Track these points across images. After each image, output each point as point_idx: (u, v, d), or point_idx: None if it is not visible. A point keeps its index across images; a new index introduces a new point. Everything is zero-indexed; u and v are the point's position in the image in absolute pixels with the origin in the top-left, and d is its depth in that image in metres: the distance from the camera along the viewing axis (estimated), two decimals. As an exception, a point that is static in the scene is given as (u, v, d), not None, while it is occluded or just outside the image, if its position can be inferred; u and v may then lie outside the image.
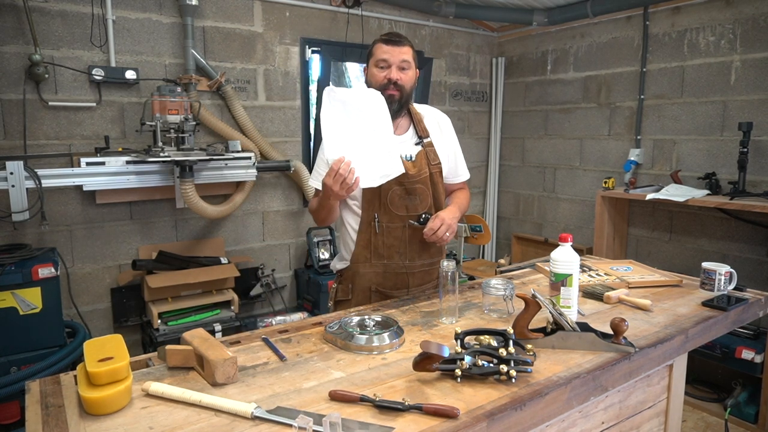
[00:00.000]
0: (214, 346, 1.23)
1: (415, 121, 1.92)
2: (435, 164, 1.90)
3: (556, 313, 1.38)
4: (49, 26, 2.80)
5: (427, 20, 4.17)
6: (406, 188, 1.84)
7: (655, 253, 3.64)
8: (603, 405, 1.45)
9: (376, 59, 1.82)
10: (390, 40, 1.81)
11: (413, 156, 1.88)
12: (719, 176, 3.17)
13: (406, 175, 1.80)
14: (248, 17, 3.39)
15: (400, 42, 1.82)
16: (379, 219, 1.84)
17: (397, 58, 1.80)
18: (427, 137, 1.91)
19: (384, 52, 1.80)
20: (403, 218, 1.85)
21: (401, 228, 1.86)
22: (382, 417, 1.05)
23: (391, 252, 1.87)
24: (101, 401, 1.05)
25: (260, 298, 3.53)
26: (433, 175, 1.89)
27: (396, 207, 1.84)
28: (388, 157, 1.68)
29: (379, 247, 1.86)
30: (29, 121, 2.79)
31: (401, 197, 1.84)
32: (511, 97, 4.63)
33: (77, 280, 3.01)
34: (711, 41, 3.26)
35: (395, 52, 1.80)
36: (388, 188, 1.81)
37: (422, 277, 1.94)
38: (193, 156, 2.84)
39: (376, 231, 1.85)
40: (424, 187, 1.87)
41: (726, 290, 1.82)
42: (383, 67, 1.81)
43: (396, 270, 1.88)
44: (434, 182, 1.90)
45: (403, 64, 1.81)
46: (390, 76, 1.80)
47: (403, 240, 1.87)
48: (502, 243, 4.85)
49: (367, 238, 1.86)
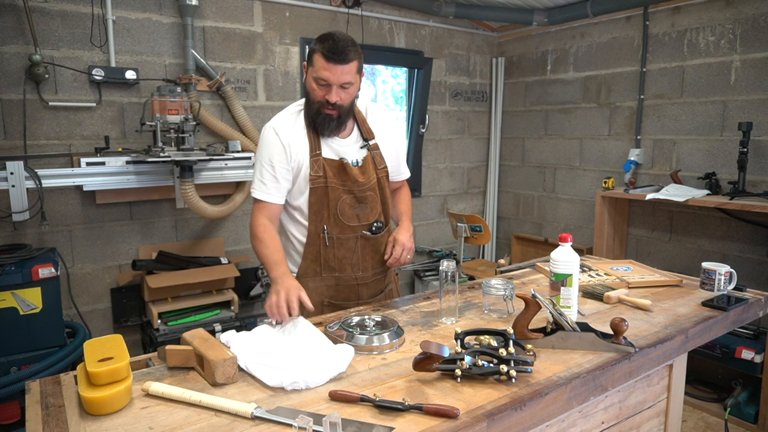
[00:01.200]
0: (214, 346, 1.24)
1: (359, 122, 1.80)
2: (381, 168, 1.80)
3: (556, 313, 1.38)
4: (49, 26, 2.80)
5: (427, 20, 4.17)
6: (356, 197, 1.74)
7: (655, 253, 3.64)
8: (603, 405, 1.45)
9: (316, 74, 1.62)
10: (332, 57, 1.58)
11: (360, 161, 1.77)
12: (719, 176, 3.17)
13: (355, 183, 1.73)
14: (248, 17, 3.39)
15: (344, 59, 1.58)
16: (328, 231, 1.73)
17: (339, 79, 1.60)
18: (372, 139, 1.80)
19: (325, 70, 1.59)
20: (355, 228, 1.76)
21: (353, 239, 1.76)
22: (382, 417, 1.05)
23: (342, 264, 1.77)
24: (101, 401, 1.05)
25: (260, 298, 3.53)
26: (381, 180, 1.80)
27: (347, 218, 1.74)
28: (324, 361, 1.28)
29: (329, 260, 1.76)
30: (29, 121, 2.79)
31: (352, 206, 1.74)
32: (511, 97, 4.63)
33: (77, 280, 3.01)
34: (711, 41, 3.26)
35: (336, 71, 1.59)
36: (338, 197, 1.71)
37: (376, 285, 1.86)
38: (193, 156, 2.84)
39: (326, 243, 1.74)
40: (373, 194, 1.78)
41: (726, 290, 1.82)
42: (323, 85, 1.62)
43: (348, 282, 1.80)
44: (382, 187, 1.80)
45: (345, 85, 1.62)
46: (329, 98, 1.62)
47: (355, 251, 1.77)
48: (502, 243, 4.85)
49: (315, 251, 1.76)
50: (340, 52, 1.58)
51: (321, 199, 1.72)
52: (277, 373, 1.19)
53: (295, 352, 1.27)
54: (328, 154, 1.74)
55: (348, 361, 1.24)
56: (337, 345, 1.31)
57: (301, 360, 1.24)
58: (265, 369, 1.21)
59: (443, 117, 4.46)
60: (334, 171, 1.73)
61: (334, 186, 1.72)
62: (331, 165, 1.73)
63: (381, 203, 1.82)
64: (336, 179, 1.72)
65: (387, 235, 1.86)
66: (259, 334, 1.38)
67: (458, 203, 4.69)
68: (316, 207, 1.73)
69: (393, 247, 1.77)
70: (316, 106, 1.67)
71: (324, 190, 1.72)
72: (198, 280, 3.00)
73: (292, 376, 1.17)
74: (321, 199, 1.72)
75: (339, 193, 1.72)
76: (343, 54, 1.59)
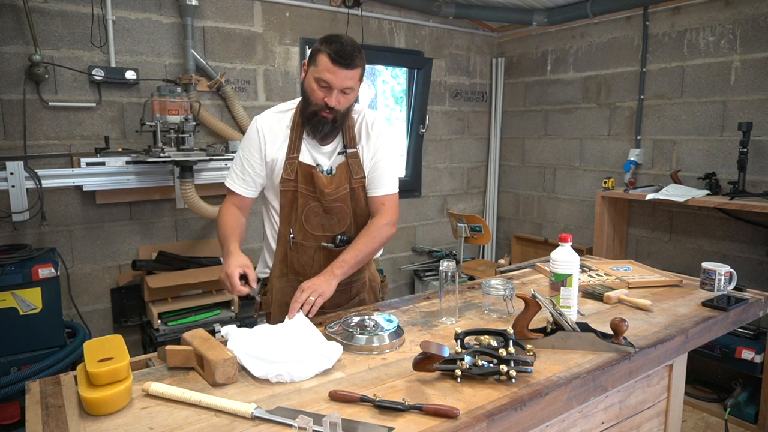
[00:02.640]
0: (214, 347, 1.24)
1: (344, 129, 1.71)
2: (358, 178, 1.71)
3: (556, 313, 1.38)
4: (49, 26, 2.80)
5: (427, 20, 4.17)
6: (323, 206, 1.69)
7: (655, 253, 3.64)
8: (603, 405, 1.45)
9: (319, 75, 1.57)
10: (338, 60, 1.54)
11: (334, 169, 1.70)
12: (719, 176, 3.17)
13: (322, 193, 1.67)
14: (248, 17, 3.39)
15: (350, 64, 1.55)
16: (294, 235, 1.70)
17: (341, 83, 1.56)
18: (352, 147, 1.71)
19: (328, 72, 1.55)
20: (317, 238, 1.71)
21: (315, 248, 1.72)
22: (382, 417, 1.05)
23: (306, 270, 1.73)
24: (101, 401, 1.05)
25: (260, 298, 3.52)
26: (355, 191, 1.71)
27: (311, 226, 1.70)
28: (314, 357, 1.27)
29: (294, 263, 1.74)
30: (29, 122, 2.79)
31: (317, 215, 1.69)
32: (510, 97, 4.63)
33: (77, 280, 3.01)
34: (711, 41, 3.26)
35: (341, 76, 1.55)
36: (305, 204, 1.68)
37: (338, 297, 1.69)
38: (193, 156, 2.84)
39: (291, 247, 1.72)
40: (343, 206, 1.70)
41: (726, 290, 1.82)
42: (324, 87, 1.58)
43: None
44: (355, 198, 1.72)
45: (346, 90, 1.59)
46: (329, 101, 1.58)
47: (317, 261, 1.72)
48: (502, 243, 4.85)
49: (283, 252, 1.74)
50: (347, 57, 1.55)
51: (291, 203, 1.70)
52: (263, 365, 1.21)
53: (285, 347, 1.28)
54: (305, 159, 1.69)
55: (335, 358, 1.25)
56: (328, 342, 1.32)
57: (289, 354, 1.25)
58: (253, 360, 1.22)
59: (443, 117, 4.46)
60: (303, 177, 1.68)
61: (303, 192, 1.68)
62: (304, 170, 1.68)
63: (353, 215, 1.73)
64: (306, 186, 1.68)
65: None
66: (259, 330, 1.39)
67: (458, 203, 4.70)
68: (286, 210, 1.71)
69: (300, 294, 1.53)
70: (314, 108, 1.62)
71: (294, 194, 1.69)
72: (198, 280, 3.00)
73: (278, 369, 1.19)
74: (291, 202, 1.70)
75: (307, 200, 1.68)
76: (349, 59, 1.55)
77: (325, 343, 1.31)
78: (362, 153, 1.73)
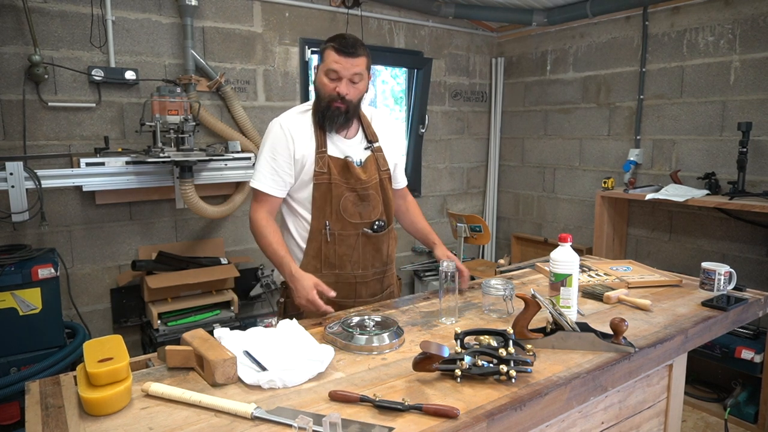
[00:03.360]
0: (214, 347, 1.23)
1: (364, 125, 1.85)
2: (384, 170, 1.84)
3: (555, 313, 1.38)
4: (49, 27, 2.80)
5: (427, 20, 4.17)
6: (358, 194, 1.77)
7: (654, 253, 3.64)
8: (603, 405, 1.45)
9: (327, 68, 1.70)
10: (342, 50, 1.66)
11: (363, 161, 1.81)
12: (719, 176, 3.17)
13: (358, 181, 1.75)
14: (248, 17, 3.39)
15: (354, 53, 1.67)
16: (330, 227, 1.75)
17: (349, 71, 1.68)
18: (376, 142, 1.84)
19: (335, 62, 1.67)
20: (357, 226, 1.77)
21: (355, 236, 1.78)
22: (382, 417, 1.05)
23: (343, 261, 1.78)
24: (101, 402, 1.05)
25: (260, 298, 3.53)
26: (383, 181, 1.83)
27: (349, 214, 1.76)
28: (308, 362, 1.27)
29: (330, 256, 1.78)
30: (29, 122, 2.79)
31: (354, 204, 1.76)
32: (510, 98, 4.63)
33: (77, 280, 3.01)
34: (710, 41, 3.26)
35: (347, 64, 1.67)
36: (340, 195, 1.74)
37: (375, 285, 1.86)
38: (192, 156, 2.84)
39: (327, 239, 1.76)
40: (375, 194, 1.80)
41: (725, 290, 1.82)
42: (333, 79, 1.69)
43: (348, 279, 1.81)
44: (384, 188, 1.84)
45: (355, 78, 1.70)
46: (339, 90, 1.69)
47: (356, 248, 1.78)
48: (501, 243, 4.85)
49: (317, 246, 1.77)
50: (350, 46, 1.67)
51: (324, 195, 1.74)
52: (254, 373, 1.20)
53: (276, 353, 1.28)
54: (333, 152, 1.77)
55: (327, 362, 1.24)
56: (320, 345, 1.32)
57: (280, 360, 1.25)
58: (243, 368, 1.22)
59: (443, 117, 4.46)
60: (338, 168, 1.75)
61: (337, 183, 1.74)
62: (336, 163, 1.76)
63: (383, 203, 1.84)
64: (340, 176, 1.75)
65: (388, 234, 1.87)
66: (251, 334, 1.39)
67: (458, 203, 4.70)
68: (320, 203, 1.75)
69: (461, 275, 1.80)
70: (326, 100, 1.71)
71: (328, 187, 1.74)
72: (198, 280, 3.00)
73: (269, 375, 1.18)
74: (324, 195, 1.74)
75: (342, 190, 1.74)
76: (353, 48, 1.67)
77: (316, 347, 1.31)
78: (384, 149, 1.87)
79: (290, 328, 1.42)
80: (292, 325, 1.44)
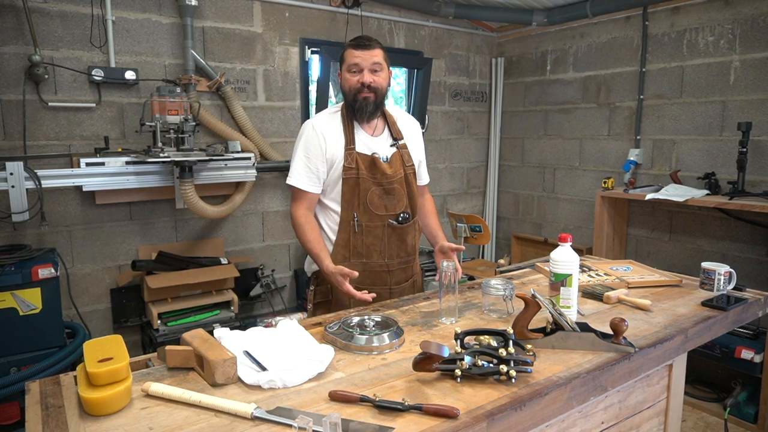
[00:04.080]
0: (213, 347, 1.23)
1: (389, 123, 1.97)
2: (409, 165, 1.96)
3: (555, 313, 1.38)
4: (49, 27, 2.80)
5: (427, 20, 4.17)
6: (384, 188, 1.89)
7: (654, 253, 3.64)
8: (603, 405, 1.45)
9: (348, 64, 1.86)
10: (359, 44, 1.84)
11: (388, 157, 1.93)
12: (718, 176, 3.17)
13: (384, 175, 1.87)
14: (248, 17, 3.39)
15: (370, 45, 1.84)
16: (358, 219, 1.87)
17: (368, 61, 1.83)
18: (401, 139, 1.97)
19: (355, 57, 1.84)
20: (382, 218, 1.89)
21: (381, 227, 1.90)
22: (382, 417, 1.05)
23: (370, 251, 1.91)
24: (101, 402, 1.05)
25: (260, 298, 3.53)
26: (408, 176, 1.95)
27: (375, 207, 1.88)
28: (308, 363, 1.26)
29: (358, 246, 1.90)
30: (29, 122, 2.79)
31: (380, 197, 1.88)
32: (510, 98, 4.63)
33: (77, 280, 3.01)
34: (710, 41, 3.26)
35: (366, 55, 1.83)
36: (367, 189, 1.86)
37: (400, 274, 1.99)
38: (192, 156, 2.84)
39: (356, 230, 1.88)
40: (400, 188, 1.92)
41: (725, 290, 1.82)
42: (355, 72, 1.85)
43: (375, 268, 1.92)
44: (409, 183, 1.95)
45: (375, 67, 1.85)
46: (363, 79, 1.83)
47: (382, 239, 1.91)
48: (501, 243, 4.85)
49: (346, 237, 1.90)
50: (366, 40, 1.85)
51: (353, 189, 1.86)
52: (254, 373, 1.21)
53: (276, 352, 1.29)
54: (361, 149, 1.89)
55: (327, 362, 1.25)
56: (320, 345, 1.33)
57: (280, 360, 1.25)
58: (243, 368, 1.22)
59: (443, 117, 4.46)
60: (365, 164, 1.87)
61: (364, 177, 1.86)
62: (364, 159, 1.87)
63: (407, 197, 1.95)
64: (367, 171, 1.87)
65: (413, 226, 1.98)
66: (251, 334, 1.39)
67: (458, 203, 4.70)
68: (348, 196, 1.87)
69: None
70: (353, 93, 1.85)
71: (356, 181, 1.86)
72: (198, 280, 3.00)
73: (269, 375, 1.18)
74: (353, 189, 1.86)
75: (369, 184, 1.86)
76: (368, 41, 1.85)
77: (316, 347, 1.31)
78: (408, 146, 1.99)
79: (290, 328, 1.42)
80: (292, 325, 1.44)
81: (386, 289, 1.94)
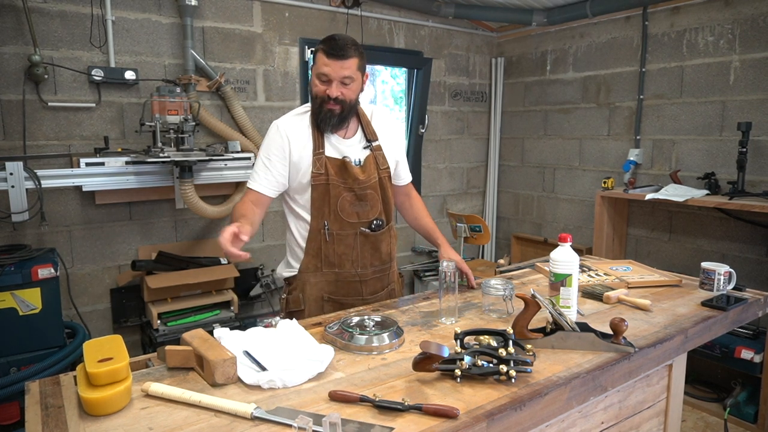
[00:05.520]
0: (213, 347, 1.23)
1: (363, 124, 1.85)
2: (384, 169, 1.85)
3: (555, 313, 1.38)
4: (49, 27, 2.80)
5: (427, 20, 4.17)
6: (356, 194, 1.78)
7: (654, 253, 3.64)
8: (602, 405, 1.45)
9: (317, 71, 1.71)
10: (332, 53, 1.67)
11: (362, 161, 1.82)
12: (718, 176, 3.17)
13: (356, 181, 1.77)
14: (248, 18, 3.39)
15: (343, 55, 1.67)
16: (329, 227, 1.77)
17: (339, 74, 1.68)
18: (375, 140, 1.85)
19: (324, 65, 1.68)
20: (354, 225, 1.79)
21: (353, 235, 1.80)
22: (381, 417, 1.05)
23: (342, 260, 1.81)
24: (101, 402, 1.05)
25: (260, 298, 3.53)
26: (382, 180, 1.84)
27: (347, 214, 1.78)
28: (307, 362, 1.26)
29: (329, 255, 1.80)
30: (29, 122, 2.79)
31: (352, 204, 1.78)
32: (510, 98, 4.63)
33: (77, 280, 3.01)
34: (710, 41, 3.26)
35: (336, 67, 1.67)
36: (338, 195, 1.76)
37: (375, 283, 1.89)
38: (192, 156, 2.84)
39: (326, 239, 1.78)
40: (374, 193, 1.82)
41: (725, 290, 1.82)
42: (324, 81, 1.70)
43: (348, 278, 1.83)
44: (383, 187, 1.85)
45: (345, 80, 1.69)
46: (329, 92, 1.70)
47: (354, 248, 1.81)
48: (501, 243, 4.85)
49: (316, 246, 1.80)
50: (339, 49, 1.67)
51: (322, 196, 1.76)
52: (254, 373, 1.20)
53: (276, 352, 1.29)
54: (331, 153, 1.79)
55: (327, 362, 1.24)
56: (320, 345, 1.32)
57: (280, 360, 1.25)
58: (243, 368, 1.22)
59: (443, 117, 4.46)
60: (335, 169, 1.77)
61: (335, 183, 1.76)
62: (333, 163, 1.77)
63: (382, 202, 1.85)
64: (337, 177, 1.77)
65: (387, 233, 1.88)
66: (251, 334, 1.39)
67: (458, 203, 4.70)
68: (318, 203, 1.77)
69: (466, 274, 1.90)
70: (318, 101, 1.72)
71: (325, 188, 1.76)
72: (198, 280, 3.00)
73: (269, 374, 1.18)
74: (322, 195, 1.76)
75: (340, 191, 1.76)
76: (342, 50, 1.67)
77: (316, 347, 1.31)
78: (384, 147, 1.87)
79: (290, 328, 1.42)
80: (292, 325, 1.44)
81: (360, 300, 1.84)
